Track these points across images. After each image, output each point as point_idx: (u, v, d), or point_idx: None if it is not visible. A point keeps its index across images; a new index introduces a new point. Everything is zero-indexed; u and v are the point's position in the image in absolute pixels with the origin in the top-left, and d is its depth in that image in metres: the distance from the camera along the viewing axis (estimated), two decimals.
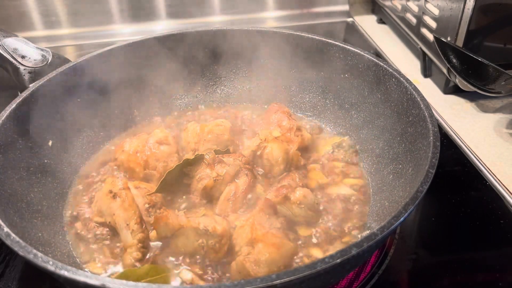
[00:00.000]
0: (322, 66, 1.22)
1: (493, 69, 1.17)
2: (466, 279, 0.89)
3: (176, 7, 1.89)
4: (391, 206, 0.90)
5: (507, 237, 0.98)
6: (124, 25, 1.87)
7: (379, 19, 1.98)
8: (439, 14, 1.39)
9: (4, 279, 0.90)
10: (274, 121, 1.12)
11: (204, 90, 1.35)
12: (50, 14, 1.81)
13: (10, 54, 1.18)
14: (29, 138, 0.97)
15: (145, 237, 0.89)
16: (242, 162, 1.00)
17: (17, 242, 0.67)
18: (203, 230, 0.84)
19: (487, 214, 1.03)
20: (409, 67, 1.62)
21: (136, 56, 1.22)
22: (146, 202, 0.94)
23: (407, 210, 0.69)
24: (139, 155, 1.05)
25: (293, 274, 0.59)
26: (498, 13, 1.24)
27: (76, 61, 1.12)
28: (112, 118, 1.22)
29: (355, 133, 1.17)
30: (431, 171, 0.76)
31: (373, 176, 1.05)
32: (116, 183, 0.93)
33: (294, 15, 1.99)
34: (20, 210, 0.86)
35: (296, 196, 0.91)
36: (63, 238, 0.93)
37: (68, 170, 1.08)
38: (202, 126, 1.10)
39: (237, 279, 0.81)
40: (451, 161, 1.19)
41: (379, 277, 0.88)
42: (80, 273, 0.60)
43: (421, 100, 0.92)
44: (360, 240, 0.64)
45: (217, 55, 1.31)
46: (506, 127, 1.30)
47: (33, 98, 1.00)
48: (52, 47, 1.38)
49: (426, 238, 0.99)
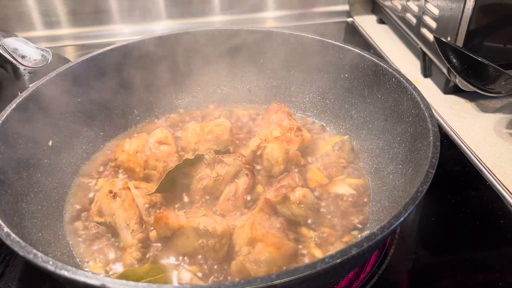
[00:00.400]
0: (322, 66, 1.22)
1: (493, 69, 1.17)
2: (466, 279, 0.89)
3: (176, 7, 1.89)
4: (391, 206, 0.90)
5: (507, 237, 0.98)
6: (124, 25, 1.87)
7: (379, 19, 1.98)
8: (439, 14, 1.39)
9: (4, 279, 0.90)
10: (274, 121, 1.12)
11: (204, 90, 1.35)
12: (50, 14, 1.81)
13: (10, 54, 1.18)
14: (29, 138, 0.97)
15: (145, 237, 0.89)
16: (242, 162, 1.00)
17: (17, 242, 0.67)
18: (203, 230, 0.84)
19: (487, 214, 1.03)
20: (409, 67, 1.62)
21: (136, 56, 1.22)
22: (146, 202, 0.94)
23: (407, 210, 0.69)
24: (139, 155, 1.05)
25: (293, 274, 0.59)
26: (498, 13, 1.24)
27: (76, 61, 1.12)
28: (112, 118, 1.22)
29: (355, 133, 1.17)
30: (431, 171, 0.76)
31: (373, 176, 1.05)
32: (116, 183, 0.93)
33: (294, 15, 1.99)
34: (20, 210, 0.86)
35: (296, 196, 0.91)
36: (63, 238, 0.93)
37: (68, 170, 1.08)
38: (202, 126, 1.10)
39: (237, 279, 0.81)
40: (451, 161, 1.19)
41: (379, 277, 0.88)
42: (80, 273, 0.60)
43: (421, 100, 0.92)
44: (360, 240, 0.64)
45: (217, 55, 1.31)
46: (506, 127, 1.30)
47: (33, 98, 1.00)
48: (52, 47, 1.38)
49: (426, 238, 0.99)
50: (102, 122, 1.19)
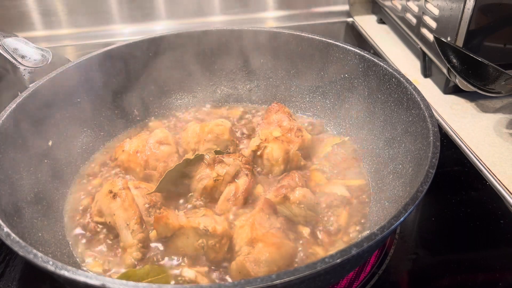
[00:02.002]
0: (322, 66, 1.22)
1: (493, 69, 1.17)
2: (466, 279, 0.89)
3: (176, 7, 1.89)
4: (391, 206, 0.90)
5: (507, 237, 0.98)
6: (124, 25, 1.87)
7: (379, 19, 1.98)
8: (439, 14, 1.39)
9: (4, 279, 0.90)
10: (275, 121, 1.12)
11: (204, 90, 1.35)
12: (50, 14, 1.81)
13: (10, 54, 1.18)
14: (29, 138, 0.97)
15: (145, 237, 0.89)
16: (242, 162, 1.00)
17: (17, 242, 0.67)
18: (203, 230, 0.84)
19: (487, 214, 1.03)
20: (409, 67, 1.62)
21: (136, 56, 1.22)
22: (146, 202, 0.94)
23: (407, 210, 0.69)
24: (139, 155, 1.05)
25: (293, 274, 0.59)
26: (498, 13, 1.24)
27: (76, 61, 1.12)
28: (112, 118, 1.22)
29: (355, 133, 1.17)
30: (431, 171, 0.76)
31: (373, 176, 1.05)
32: (116, 183, 0.93)
33: (294, 15, 2.00)
34: (20, 210, 0.86)
35: (296, 196, 0.91)
36: (63, 238, 0.93)
37: (68, 170, 1.08)
38: (202, 126, 1.10)
39: (237, 279, 0.81)
40: (451, 161, 1.19)
41: (379, 277, 0.88)
42: (80, 273, 0.60)
43: (421, 100, 0.92)
44: (360, 240, 0.64)
45: (217, 55, 1.31)
46: (506, 127, 1.30)
47: (33, 98, 1.00)
48: (52, 47, 1.38)
49: (426, 238, 0.99)
50: (102, 122, 1.19)
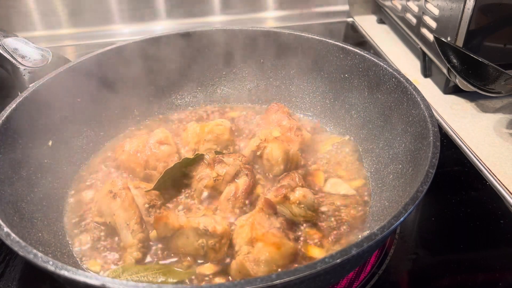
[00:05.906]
0: (322, 66, 1.22)
1: (493, 69, 1.17)
2: (466, 279, 0.89)
3: (176, 7, 1.89)
4: (391, 206, 0.90)
5: (507, 237, 0.98)
6: (124, 25, 1.87)
7: (379, 19, 1.98)
8: (439, 14, 1.39)
9: (4, 279, 0.90)
10: (274, 121, 1.12)
11: (204, 90, 1.35)
12: (50, 14, 1.81)
13: (10, 54, 1.18)
14: (29, 138, 0.97)
15: (145, 237, 0.89)
16: (242, 162, 1.00)
17: (17, 242, 0.67)
18: (203, 230, 0.84)
19: (487, 214, 1.03)
20: (409, 67, 1.62)
21: (136, 56, 1.22)
22: (146, 202, 0.94)
23: (407, 210, 0.69)
24: (139, 155, 1.05)
25: (293, 274, 0.59)
26: (498, 13, 1.24)
27: (76, 61, 1.12)
28: (112, 118, 1.22)
29: (355, 133, 1.17)
30: (431, 171, 0.76)
31: (373, 176, 1.05)
32: (116, 183, 0.93)
33: (294, 15, 2.00)
34: (20, 210, 0.86)
35: (296, 196, 0.91)
36: (63, 238, 0.93)
37: (68, 170, 1.07)
38: (202, 126, 1.10)
39: (237, 278, 0.81)
40: (451, 161, 1.19)
41: (379, 277, 0.88)
42: (80, 273, 0.60)
43: (421, 100, 0.92)
44: (360, 240, 0.64)
45: (217, 55, 1.31)
46: (506, 127, 1.30)
47: (33, 98, 1.00)
48: (52, 47, 1.38)
49: (426, 238, 0.99)
50: (102, 122, 1.19)
